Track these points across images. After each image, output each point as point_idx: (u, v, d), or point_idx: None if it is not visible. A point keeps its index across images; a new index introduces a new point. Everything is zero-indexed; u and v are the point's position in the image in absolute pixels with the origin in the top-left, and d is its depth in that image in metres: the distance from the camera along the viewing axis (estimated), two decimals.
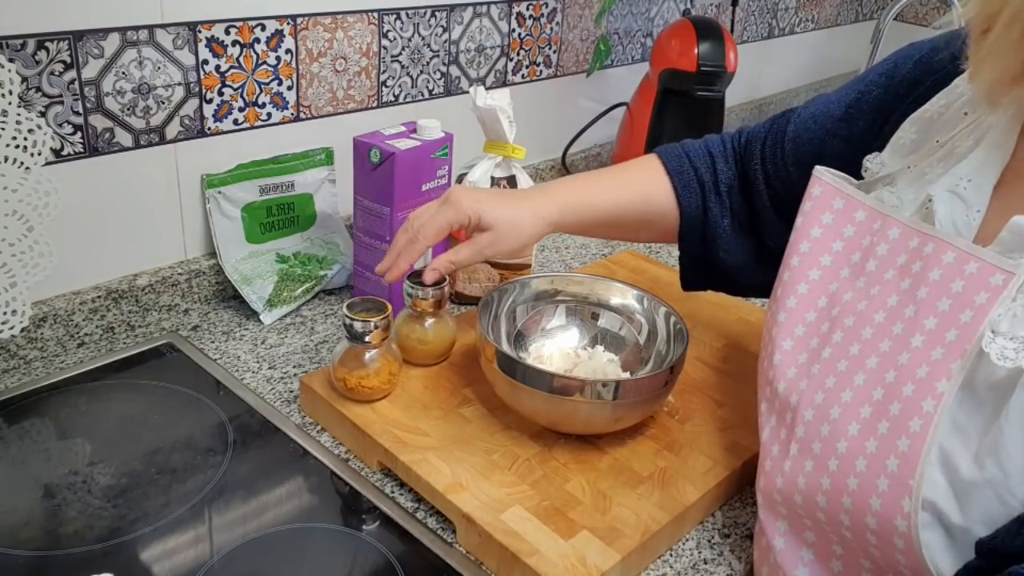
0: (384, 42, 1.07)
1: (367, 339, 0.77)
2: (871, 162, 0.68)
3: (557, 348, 0.86)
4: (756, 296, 0.79)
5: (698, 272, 0.87)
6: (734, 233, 0.83)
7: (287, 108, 1.01)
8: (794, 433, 0.60)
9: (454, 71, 1.18)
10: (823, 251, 0.64)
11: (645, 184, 0.84)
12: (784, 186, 0.79)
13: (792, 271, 0.65)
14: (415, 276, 0.84)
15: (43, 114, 0.81)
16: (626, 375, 0.83)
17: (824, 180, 0.66)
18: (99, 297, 0.89)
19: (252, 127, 0.98)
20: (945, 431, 0.51)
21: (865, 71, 0.77)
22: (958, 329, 0.51)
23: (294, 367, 0.90)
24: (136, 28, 0.84)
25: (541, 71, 1.32)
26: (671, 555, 0.71)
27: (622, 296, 0.88)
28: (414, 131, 0.96)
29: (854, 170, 0.68)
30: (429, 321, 0.84)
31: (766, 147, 0.81)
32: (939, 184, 0.59)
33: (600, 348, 0.86)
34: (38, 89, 0.80)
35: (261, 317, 0.97)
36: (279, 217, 1.02)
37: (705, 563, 0.70)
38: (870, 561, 0.56)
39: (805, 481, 0.58)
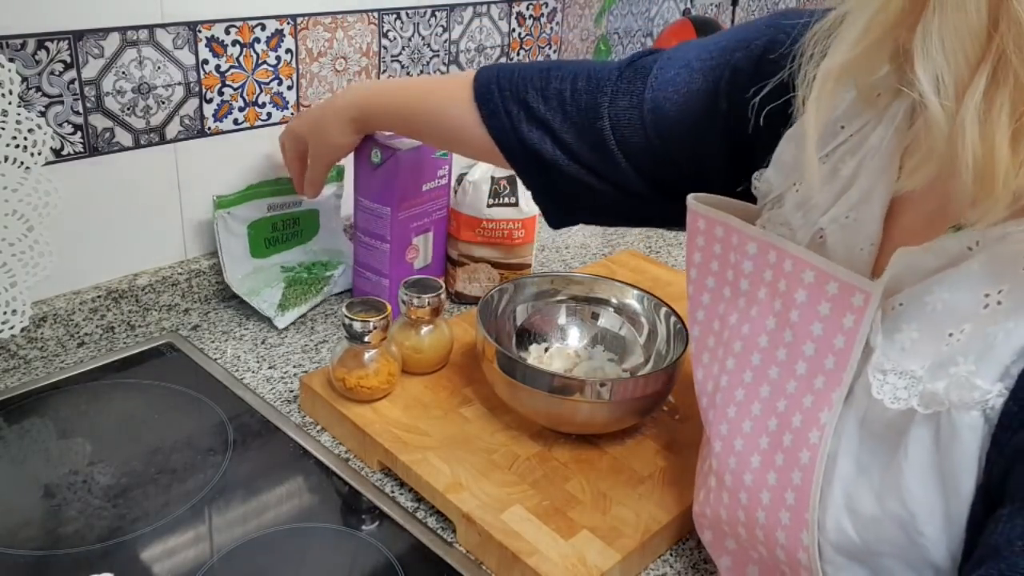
0: (384, 42, 1.07)
1: (366, 339, 0.77)
2: (758, 180, 0.62)
3: (557, 348, 0.86)
4: (646, 226, 0.67)
5: (557, 204, 0.76)
6: (580, 169, 0.72)
7: (287, 108, 1.01)
8: (711, 465, 0.59)
9: (454, 71, 1.18)
10: (707, 274, 0.62)
11: (448, 89, 0.78)
12: (651, 159, 0.69)
13: (691, 300, 0.64)
14: (411, 283, 0.83)
15: (43, 114, 0.81)
16: (626, 375, 0.83)
17: (699, 213, 0.61)
18: (99, 297, 0.89)
19: (252, 127, 0.98)
20: (850, 474, 0.49)
21: (722, 37, 0.66)
22: (834, 356, 0.50)
23: (294, 367, 0.90)
24: (136, 28, 0.84)
25: None
26: (671, 555, 0.71)
27: (622, 296, 0.88)
28: None
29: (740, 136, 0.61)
30: (424, 329, 0.83)
31: (619, 107, 0.69)
32: (828, 215, 0.55)
33: (600, 348, 0.86)
34: (38, 89, 0.80)
35: (275, 322, 0.95)
36: (284, 232, 1.02)
37: (705, 563, 0.70)
38: None
39: (726, 513, 0.57)
